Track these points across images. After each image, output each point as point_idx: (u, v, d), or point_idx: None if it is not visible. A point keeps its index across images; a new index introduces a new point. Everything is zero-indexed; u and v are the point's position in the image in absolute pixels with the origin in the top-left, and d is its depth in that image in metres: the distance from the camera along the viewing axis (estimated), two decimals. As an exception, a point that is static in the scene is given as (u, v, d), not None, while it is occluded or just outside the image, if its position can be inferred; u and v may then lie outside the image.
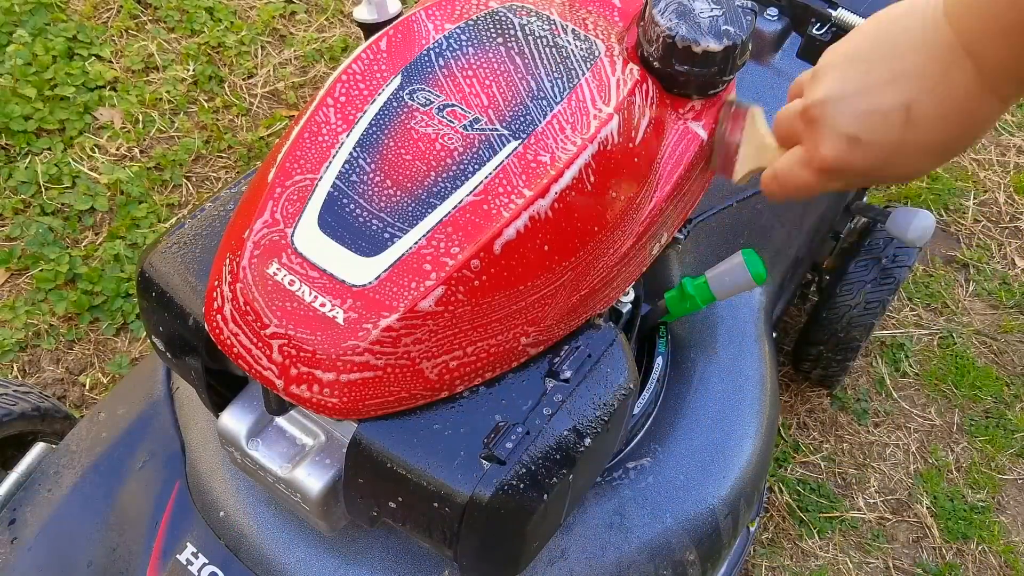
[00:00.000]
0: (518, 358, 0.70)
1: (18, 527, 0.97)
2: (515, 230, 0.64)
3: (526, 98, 0.70)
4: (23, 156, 1.86)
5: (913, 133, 0.45)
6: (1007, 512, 1.70)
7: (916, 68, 0.46)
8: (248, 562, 0.87)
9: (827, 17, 1.14)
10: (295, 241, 0.65)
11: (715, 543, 0.95)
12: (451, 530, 0.66)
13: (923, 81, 0.45)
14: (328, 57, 2.19)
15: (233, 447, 0.78)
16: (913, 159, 0.46)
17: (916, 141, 0.45)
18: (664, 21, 0.71)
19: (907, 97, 0.45)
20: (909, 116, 0.45)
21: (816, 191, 0.56)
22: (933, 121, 0.45)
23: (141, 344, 1.69)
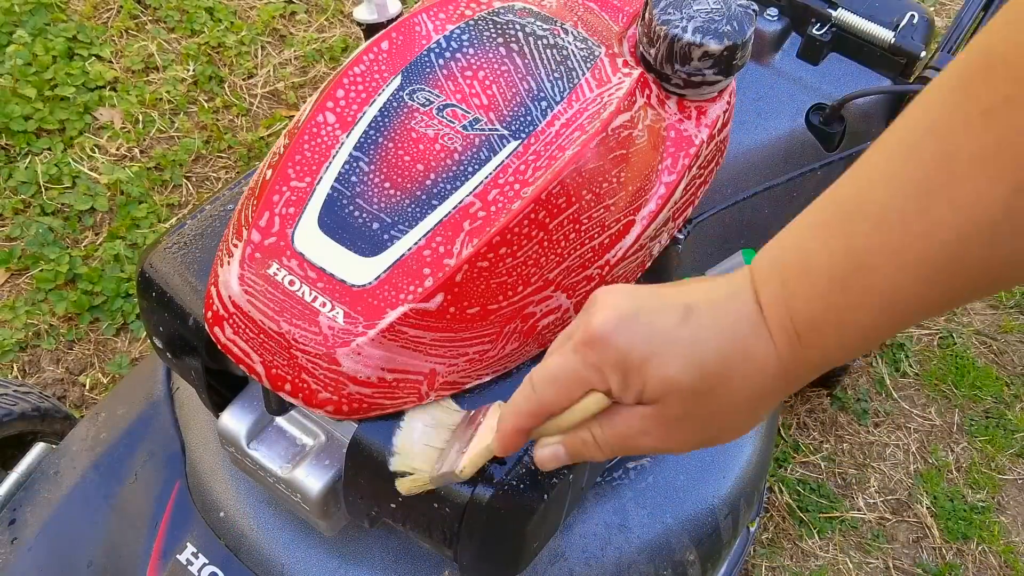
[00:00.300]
0: (519, 358, 0.70)
1: (18, 527, 0.97)
2: (515, 230, 0.64)
3: (526, 98, 0.70)
4: (23, 156, 1.86)
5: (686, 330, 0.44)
6: (1007, 512, 1.70)
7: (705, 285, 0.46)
8: (248, 562, 0.87)
9: (827, 17, 1.14)
10: (295, 242, 0.65)
11: (715, 543, 0.95)
12: (451, 530, 0.67)
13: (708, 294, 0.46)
14: (328, 57, 2.19)
15: (233, 447, 0.78)
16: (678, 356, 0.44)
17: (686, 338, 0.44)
18: (664, 21, 0.71)
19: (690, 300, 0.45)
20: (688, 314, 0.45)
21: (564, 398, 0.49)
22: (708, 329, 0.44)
23: (141, 344, 1.69)
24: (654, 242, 0.77)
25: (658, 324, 0.45)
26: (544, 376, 0.50)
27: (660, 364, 0.44)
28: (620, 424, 0.48)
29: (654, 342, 0.45)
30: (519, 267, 0.65)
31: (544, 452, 0.51)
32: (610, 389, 0.47)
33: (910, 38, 1.13)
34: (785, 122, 1.16)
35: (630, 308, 0.46)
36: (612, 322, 0.46)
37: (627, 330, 0.45)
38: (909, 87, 1.17)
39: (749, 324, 0.44)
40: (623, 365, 0.45)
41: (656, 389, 0.45)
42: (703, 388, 0.44)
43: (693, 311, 0.45)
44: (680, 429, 0.47)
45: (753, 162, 1.13)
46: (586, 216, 0.68)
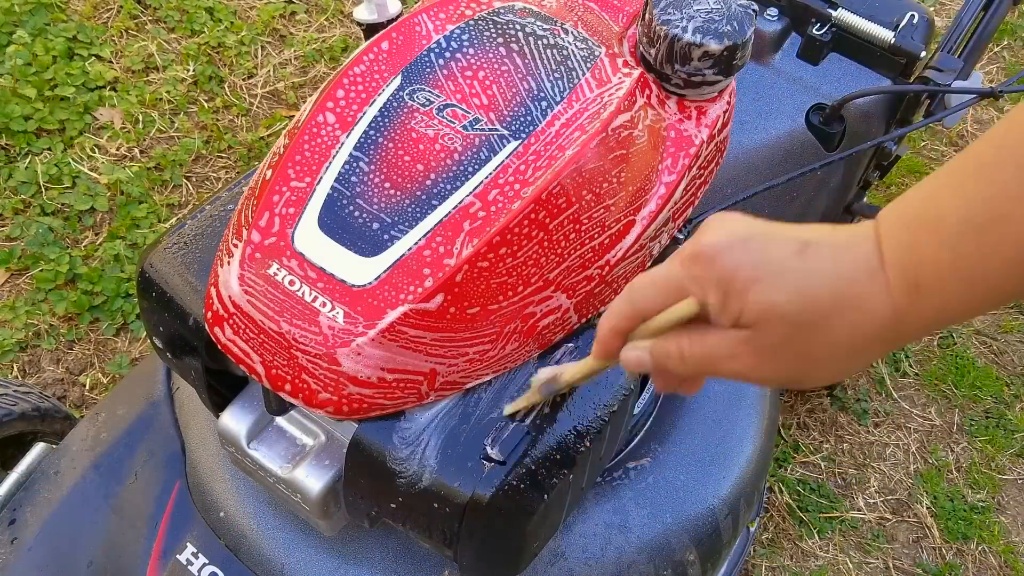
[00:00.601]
0: (519, 358, 0.70)
1: (18, 527, 0.97)
2: (515, 230, 0.64)
3: (526, 98, 0.70)
4: (23, 156, 1.86)
5: (801, 263, 0.44)
6: (1007, 512, 1.70)
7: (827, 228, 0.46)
8: (248, 562, 0.87)
9: (827, 17, 1.14)
10: (295, 242, 0.65)
11: (715, 543, 0.95)
12: (451, 530, 0.66)
13: (829, 235, 0.45)
14: (328, 57, 2.19)
15: (233, 447, 0.78)
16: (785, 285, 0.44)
17: (798, 270, 0.44)
18: (664, 21, 0.71)
19: (809, 237, 0.45)
20: (804, 248, 0.44)
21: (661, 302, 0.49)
22: (823, 266, 0.44)
23: (141, 344, 1.69)
24: (654, 242, 0.77)
25: (771, 252, 0.45)
26: (648, 281, 0.50)
27: (764, 290, 0.44)
28: (710, 343, 0.47)
29: (763, 268, 0.44)
30: (519, 267, 0.65)
31: (631, 354, 0.51)
32: (707, 306, 0.47)
33: (910, 38, 1.12)
34: (785, 122, 1.16)
35: (744, 232, 0.46)
36: (723, 241, 0.45)
37: (737, 251, 0.45)
38: (909, 87, 1.17)
39: (867, 271, 0.43)
40: (726, 285, 0.45)
41: (755, 313, 0.44)
42: (805, 321, 0.44)
43: (810, 247, 0.44)
44: (770, 358, 0.46)
45: (753, 162, 1.13)
46: (586, 216, 0.68)
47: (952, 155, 2.23)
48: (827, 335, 0.44)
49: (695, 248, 0.46)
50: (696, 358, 0.48)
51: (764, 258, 0.44)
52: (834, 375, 0.47)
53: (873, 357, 0.46)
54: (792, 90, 1.18)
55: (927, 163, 2.20)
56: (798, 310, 0.44)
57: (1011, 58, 2.48)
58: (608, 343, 0.53)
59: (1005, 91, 1.06)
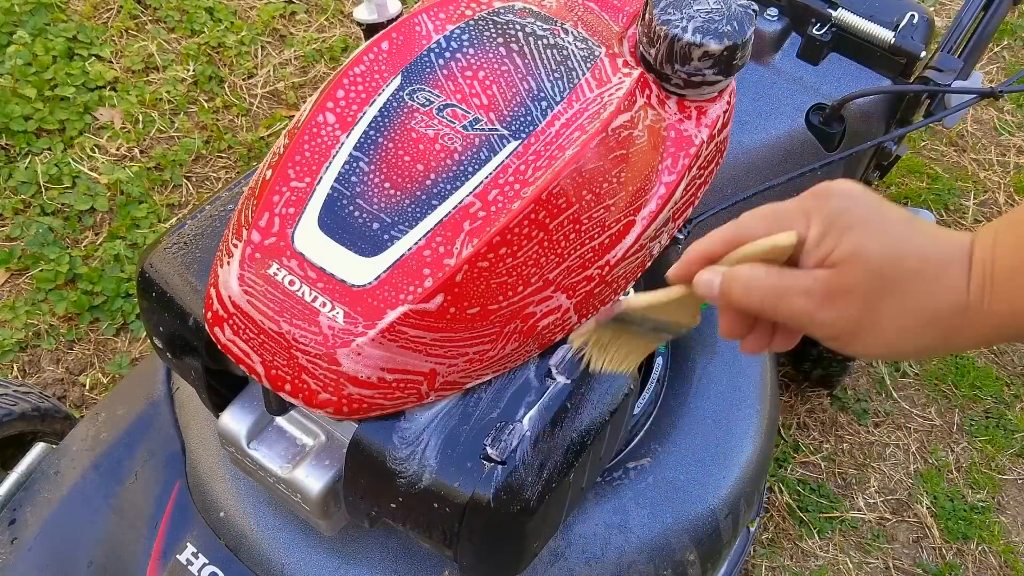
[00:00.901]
0: (519, 358, 0.70)
1: (18, 527, 0.97)
2: (515, 230, 0.64)
3: (526, 98, 0.70)
4: (23, 156, 1.86)
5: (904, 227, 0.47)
6: (1007, 512, 1.70)
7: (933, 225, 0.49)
8: (248, 562, 0.87)
9: (827, 17, 1.14)
10: (295, 242, 0.65)
11: (715, 543, 0.95)
12: (451, 530, 0.66)
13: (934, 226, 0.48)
14: (328, 57, 2.19)
15: (233, 447, 0.78)
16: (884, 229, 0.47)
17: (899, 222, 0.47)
18: (664, 21, 0.71)
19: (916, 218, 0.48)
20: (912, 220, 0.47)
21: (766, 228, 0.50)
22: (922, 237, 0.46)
23: (141, 344, 1.69)
24: (654, 242, 0.77)
25: (884, 208, 0.47)
26: (755, 212, 0.50)
27: (864, 234, 0.46)
28: (787, 275, 0.48)
29: (870, 216, 0.46)
30: (519, 267, 0.65)
31: (704, 275, 0.51)
32: (805, 237, 0.48)
33: (910, 38, 1.12)
34: (785, 122, 1.16)
35: (864, 192, 0.48)
36: (847, 188, 0.48)
37: (854, 197, 0.47)
38: (909, 87, 1.17)
39: (958, 255, 0.46)
40: (831, 219, 0.47)
41: (846, 251, 0.46)
42: (888, 275, 0.45)
43: (917, 223, 0.47)
44: (839, 302, 0.47)
45: (753, 162, 1.13)
46: (586, 216, 0.68)
47: (952, 155, 2.23)
48: (899, 299, 0.46)
49: (816, 187, 0.49)
50: (765, 288, 0.48)
51: (874, 211, 0.47)
52: (884, 346, 0.48)
53: (925, 344, 0.47)
54: (792, 90, 1.18)
55: (927, 163, 2.20)
56: (885, 262, 0.45)
57: (1011, 58, 2.48)
58: (690, 265, 0.52)
59: (1005, 91, 1.06)
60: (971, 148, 2.25)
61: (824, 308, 0.47)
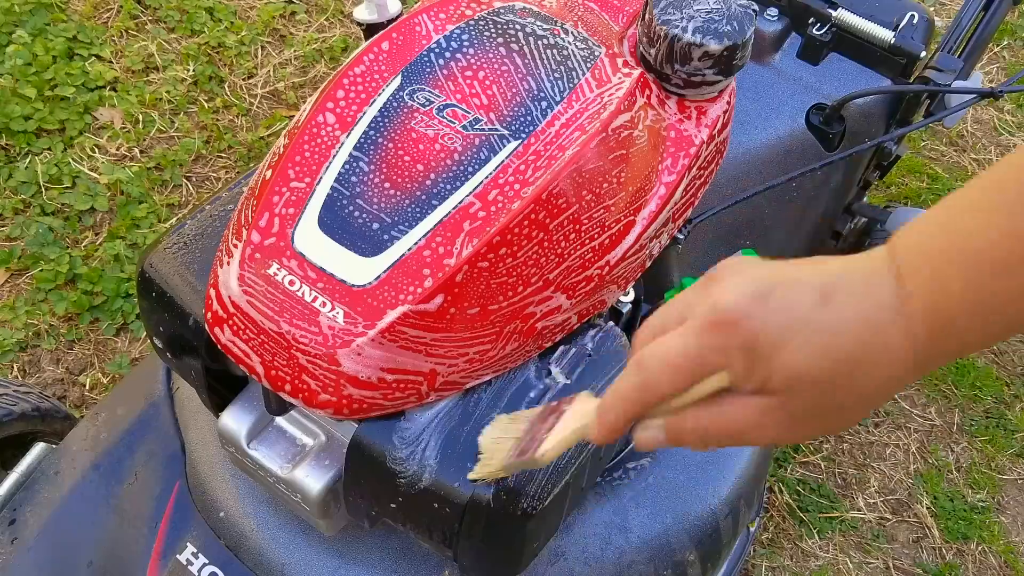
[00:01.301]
0: (519, 358, 0.70)
1: (18, 527, 0.97)
2: (515, 231, 0.64)
3: (526, 98, 0.70)
4: (23, 156, 1.86)
5: (825, 315, 0.41)
6: (1007, 512, 1.70)
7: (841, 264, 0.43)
8: (248, 562, 0.87)
9: (827, 17, 1.14)
10: (295, 242, 0.65)
11: (715, 543, 0.95)
12: (451, 530, 0.66)
13: (845, 275, 0.43)
14: (328, 57, 2.19)
15: (233, 447, 0.78)
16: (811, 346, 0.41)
17: (823, 326, 0.41)
18: (664, 21, 0.71)
19: (827, 281, 0.42)
20: (826, 298, 0.42)
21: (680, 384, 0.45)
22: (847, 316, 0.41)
23: (141, 344, 1.69)
24: (654, 242, 0.77)
25: (794, 306, 0.42)
26: (660, 359, 0.45)
27: (792, 352, 0.41)
28: (731, 415, 0.44)
29: (788, 327, 0.41)
30: (519, 267, 0.65)
31: (644, 436, 0.47)
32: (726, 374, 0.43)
33: (910, 38, 1.12)
34: (785, 122, 1.16)
35: (763, 286, 0.42)
36: (744, 302, 0.42)
37: (759, 312, 0.42)
38: (909, 87, 1.17)
39: (891, 312, 0.41)
40: (752, 350, 0.42)
41: (783, 380, 0.42)
42: (834, 380, 0.42)
43: (831, 294, 0.42)
44: (800, 422, 0.44)
45: (753, 162, 1.13)
46: (586, 216, 0.68)
47: (952, 155, 2.23)
48: (855, 388, 0.42)
49: (714, 312, 0.43)
50: (719, 433, 0.45)
51: (787, 317, 0.42)
52: (860, 418, 0.45)
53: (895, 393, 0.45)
54: (792, 90, 1.18)
55: (927, 163, 2.20)
56: (827, 371, 0.42)
57: (1011, 58, 2.48)
58: (615, 432, 0.48)
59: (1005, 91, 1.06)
60: (971, 148, 2.25)
61: (788, 433, 0.44)
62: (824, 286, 0.42)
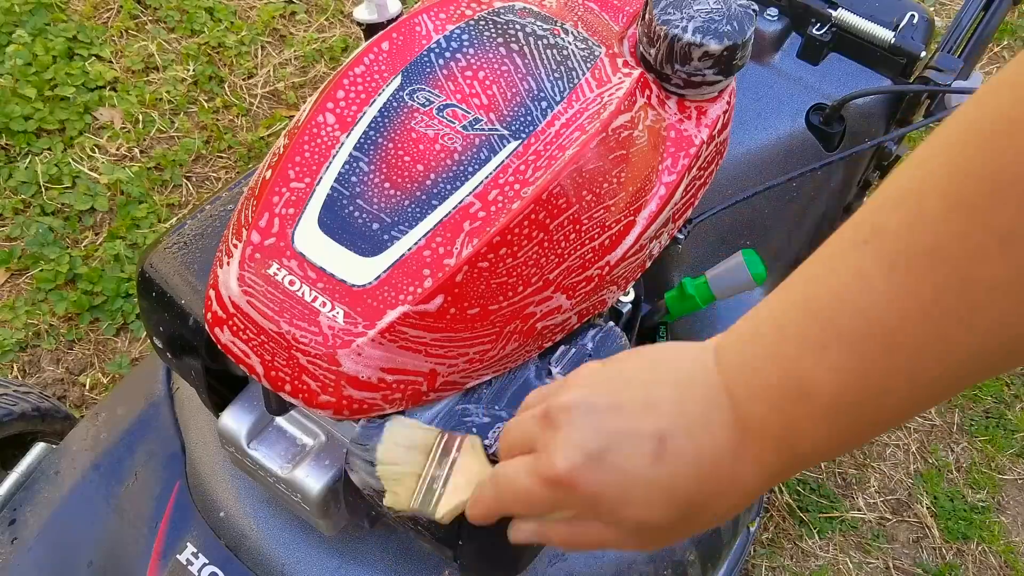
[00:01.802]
0: (519, 358, 0.70)
1: (18, 527, 0.97)
2: (515, 231, 0.64)
3: (526, 98, 0.70)
4: (23, 156, 1.86)
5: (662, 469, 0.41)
6: (1007, 512, 1.70)
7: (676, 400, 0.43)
8: (248, 562, 0.87)
9: (827, 17, 1.14)
10: (295, 242, 0.65)
11: (715, 543, 0.95)
12: (451, 530, 0.66)
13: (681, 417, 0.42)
14: (328, 57, 2.19)
15: (233, 447, 0.78)
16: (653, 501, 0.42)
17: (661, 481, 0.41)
18: (664, 21, 0.71)
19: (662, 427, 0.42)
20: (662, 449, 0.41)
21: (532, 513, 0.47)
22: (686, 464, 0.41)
23: (141, 344, 1.69)
24: (654, 242, 0.77)
25: (628, 465, 0.42)
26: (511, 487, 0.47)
27: (635, 507, 0.42)
28: (591, 534, 0.46)
29: (627, 485, 0.42)
30: (519, 267, 0.65)
31: (518, 535, 0.50)
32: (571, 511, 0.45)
33: (910, 38, 1.13)
34: (785, 122, 1.16)
35: (596, 446, 0.42)
36: (579, 465, 0.42)
37: (595, 473, 0.42)
38: (909, 87, 1.17)
39: (731, 452, 0.42)
40: (594, 507, 0.43)
41: (633, 526, 0.44)
42: (684, 519, 0.43)
43: (667, 441, 0.42)
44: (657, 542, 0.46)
45: (753, 162, 1.13)
46: (586, 216, 0.68)
47: (952, 155, 2.23)
48: (706, 517, 0.44)
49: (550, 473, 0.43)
50: (583, 545, 0.47)
51: (625, 477, 0.42)
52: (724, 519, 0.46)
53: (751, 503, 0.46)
54: (792, 90, 1.18)
55: (927, 163, 2.20)
56: (672, 518, 0.43)
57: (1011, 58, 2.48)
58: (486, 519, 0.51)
59: (1005, 91, 1.05)
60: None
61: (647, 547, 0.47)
62: (659, 433, 0.42)
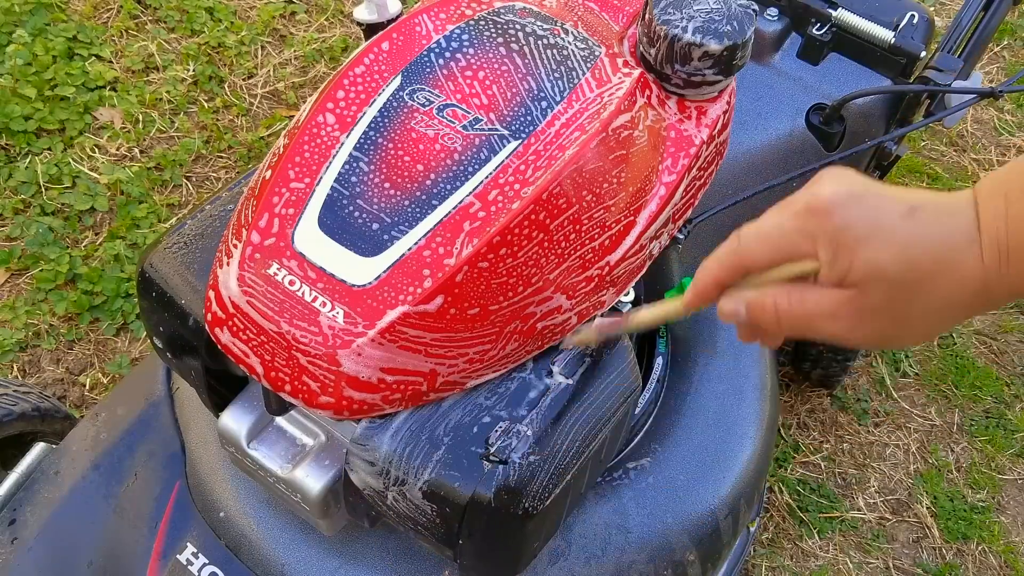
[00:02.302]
0: (519, 358, 0.70)
1: (18, 527, 0.97)
2: (515, 231, 0.64)
3: (526, 98, 0.70)
4: (23, 156, 1.86)
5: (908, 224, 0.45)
6: (1007, 512, 1.70)
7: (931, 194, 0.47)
8: (248, 562, 0.87)
9: (827, 17, 1.14)
10: (295, 242, 0.65)
11: (715, 543, 0.95)
12: (451, 530, 0.66)
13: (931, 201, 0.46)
14: (328, 57, 2.19)
15: (233, 447, 0.78)
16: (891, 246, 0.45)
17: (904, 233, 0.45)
18: (664, 21, 0.71)
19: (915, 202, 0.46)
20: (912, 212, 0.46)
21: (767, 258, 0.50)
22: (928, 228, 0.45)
23: (141, 344, 1.69)
24: (654, 242, 0.77)
25: (883, 210, 0.46)
26: (756, 232, 0.49)
27: (874, 248, 0.45)
28: (811, 300, 0.48)
29: (874, 226, 0.45)
30: (519, 268, 0.65)
31: (727, 304, 0.51)
32: (817, 261, 0.47)
33: (910, 38, 1.13)
34: (785, 122, 1.16)
35: (860, 188, 0.47)
36: (842, 195, 0.46)
37: (853, 207, 0.46)
38: (909, 87, 1.17)
39: (966, 237, 0.45)
40: (838, 240, 0.46)
41: (861, 272, 0.46)
42: (907, 284, 0.45)
43: (918, 211, 0.46)
44: (870, 320, 0.47)
45: (753, 162, 1.13)
46: (586, 216, 0.68)
47: (952, 155, 2.23)
48: (924, 299, 0.46)
49: (811, 200, 0.47)
50: (794, 316, 0.49)
51: (876, 216, 0.46)
52: (922, 338, 0.48)
53: (960, 321, 0.48)
54: (792, 90, 1.18)
55: (927, 163, 2.20)
56: (900, 272, 0.45)
57: (1011, 58, 2.48)
58: (706, 291, 0.53)
59: (1005, 91, 1.06)
60: (971, 148, 2.25)
61: (856, 329, 0.47)
62: (911, 204, 0.46)
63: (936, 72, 1.14)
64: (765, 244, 0.49)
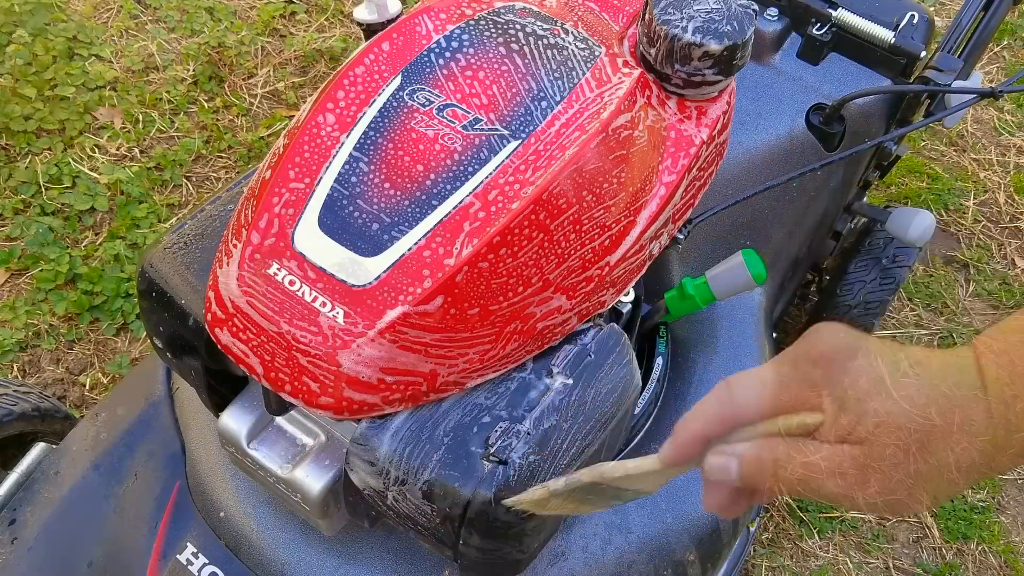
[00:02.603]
0: (519, 358, 0.70)
1: (18, 527, 0.97)
2: (515, 231, 0.64)
3: (526, 98, 0.70)
4: (23, 156, 1.86)
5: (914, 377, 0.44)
6: (1007, 512, 1.70)
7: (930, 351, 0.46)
8: (248, 562, 0.87)
9: (827, 17, 1.14)
10: (295, 242, 0.65)
11: (715, 543, 0.95)
12: (451, 530, 0.66)
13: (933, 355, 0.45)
14: (328, 57, 2.19)
15: (233, 447, 0.78)
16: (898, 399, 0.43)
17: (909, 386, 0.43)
18: (664, 21, 0.71)
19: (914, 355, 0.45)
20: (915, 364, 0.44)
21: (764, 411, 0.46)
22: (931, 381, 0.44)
23: (141, 344, 1.69)
24: (654, 242, 0.77)
25: (888, 361, 0.44)
26: (752, 382, 0.46)
27: (882, 400, 0.43)
28: (813, 455, 0.44)
29: (879, 379, 0.43)
30: (519, 268, 0.65)
31: (716, 460, 0.46)
32: (820, 413, 0.44)
33: (910, 38, 1.13)
34: (785, 122, 1.16)
35: (859, 340, 0.45)
36: (844, 344, 0.44)
37: (858, 357, 0.44)
38: (909, 87, 1.17)
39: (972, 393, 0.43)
40: (843, 392, 0.43)
41: (871, 424, 0.43)
42: (918, 438, 0.43)
43: (922, 364, 0.44)
44: (877, 479, 0.43)
45: (753, 162, 1.13)
46: (586, 216, 0.68)
47: (952, 155, 2.23)
48: (934, 454, 0.43)
49: (812, 351, 0.44)
50: (794, 475, 0.44)
51: (879, 370, 0.43)
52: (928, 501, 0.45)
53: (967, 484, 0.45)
54: (792, 90, 1.18)
55: (927, 163, 2.20)
56: (913, 424, 0.43)
57: (1011, 58, 2.48)
58: (687, 448, 0.47)
59: (1005, 91, 1.06)
60: (971, 148, 2.25)
61: (863, 487, 0.44)
62: (915, 356, 0.44)
63: (936, 72, 1.14)
64: (763, 395, 0.45)
